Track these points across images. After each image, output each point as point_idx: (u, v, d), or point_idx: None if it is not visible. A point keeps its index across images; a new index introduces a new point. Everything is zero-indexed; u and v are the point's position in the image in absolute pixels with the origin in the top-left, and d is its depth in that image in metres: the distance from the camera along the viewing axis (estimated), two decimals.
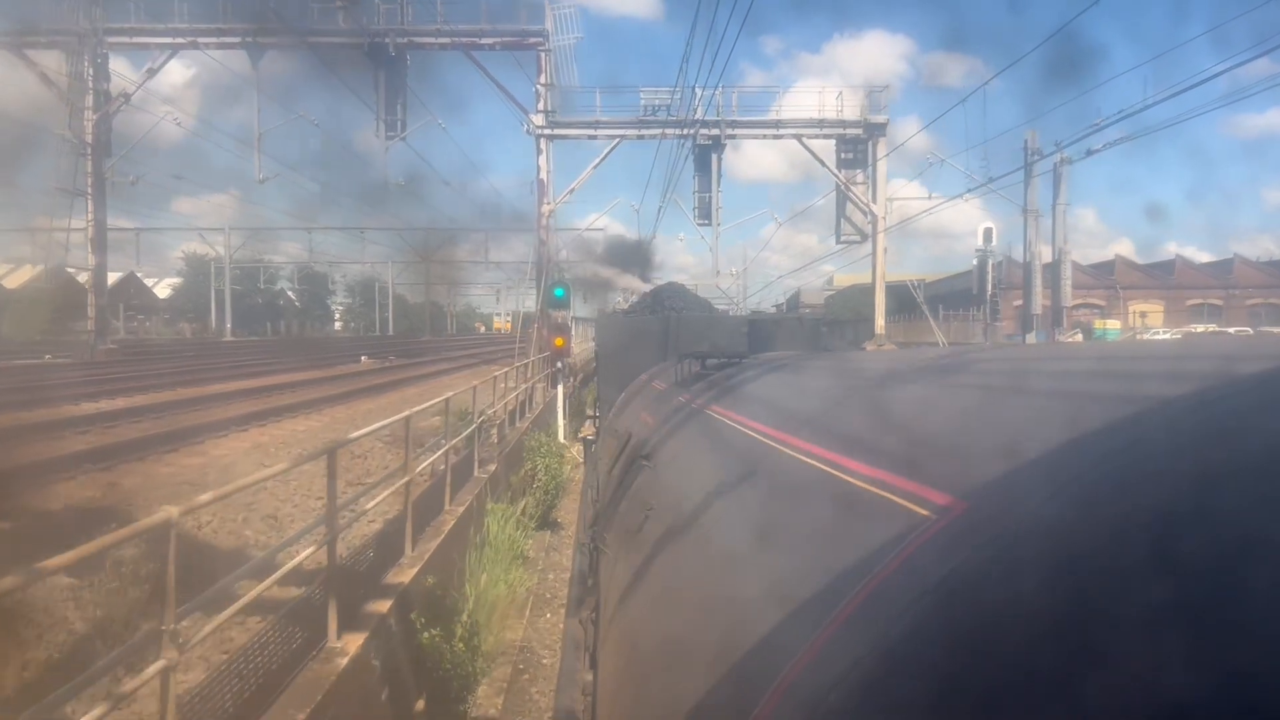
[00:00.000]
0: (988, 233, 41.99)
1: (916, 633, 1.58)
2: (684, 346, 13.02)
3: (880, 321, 34.08)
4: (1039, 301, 38.23)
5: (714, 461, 5.09)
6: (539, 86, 32.58)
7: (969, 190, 35.28)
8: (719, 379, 8.43)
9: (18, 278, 61.56)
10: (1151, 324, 71.25)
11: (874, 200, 34.11)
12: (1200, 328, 63.45)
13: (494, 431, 16.63)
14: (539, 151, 32.97)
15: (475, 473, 14.35)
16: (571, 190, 33.69)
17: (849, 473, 2.88)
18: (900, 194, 39.17)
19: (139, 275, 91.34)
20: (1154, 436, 1.74)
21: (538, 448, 19.85)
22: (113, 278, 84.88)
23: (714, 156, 33.39)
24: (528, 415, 22.57)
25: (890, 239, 35.00)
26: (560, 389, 29.82)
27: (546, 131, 32.84)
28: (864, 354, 12.47)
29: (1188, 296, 78.34)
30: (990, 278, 41.12)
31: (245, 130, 33.52)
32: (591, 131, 33.58)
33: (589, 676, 4.50)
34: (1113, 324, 61.43)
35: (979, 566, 1.64)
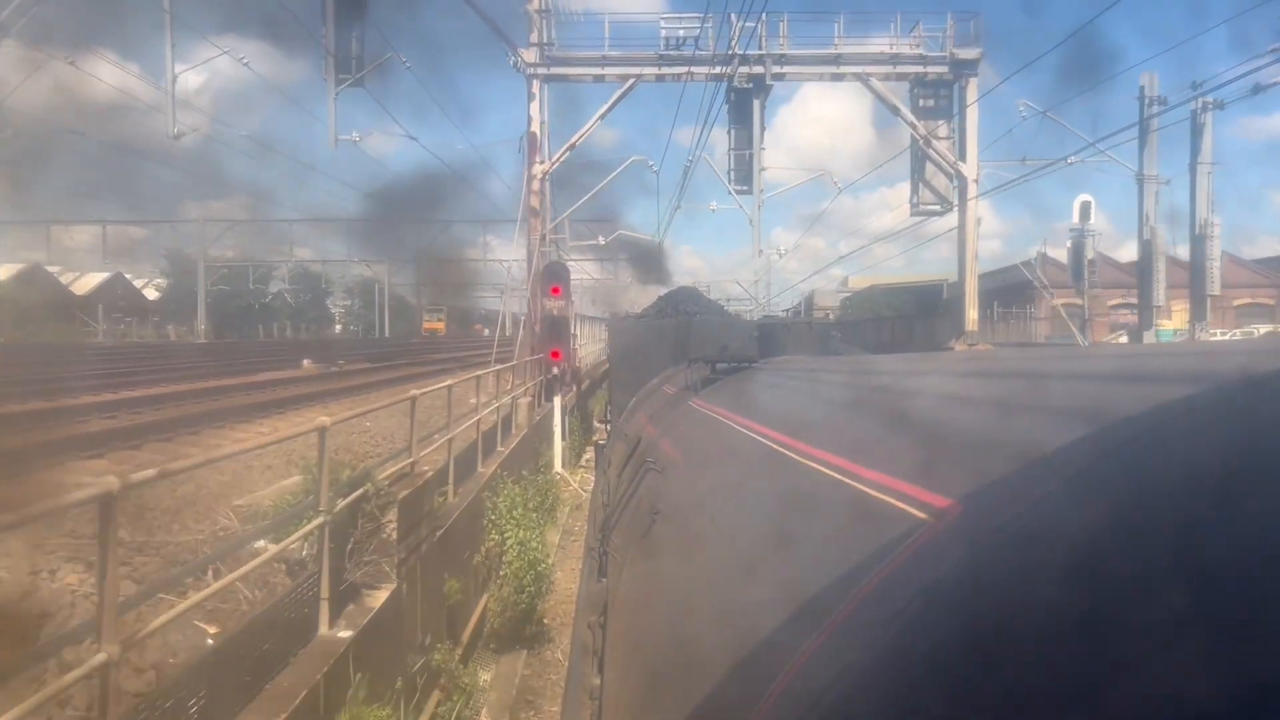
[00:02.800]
0: (1085, 207, 33.05)
1: (909, 635, 1.58)
2: (696, 350, 11.76)
3: (972, 315, 25.14)
4: (1158, 291, 28.97)
5: (720, 466, 5.04)
6: (531, 11, 23.68)
7: (1077, 151, 26.06)
8: (728, 383, 8.35)
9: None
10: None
11: (963, 159, 25.14)
12: (1264, 328, 55.88)
13: (390, 518, 7.50)
14: (530, 97, 24.21)
15: (322, 630, 6.66)
16: (571, 146, 24.96)
17: (852, 477, 2.87)
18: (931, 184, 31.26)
19: (127, 276, 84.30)
20: (1151, 439, 1.70)
21: (506, 511, 12.15)
22: (98, 278, 77.28)
23: (755, 102, 24.76)
24: (499, 451, 13.55)
25: (909, 241, 26.34)
26: (557, 402, 20.89)
27: (540, 70, 24.12)
28: (871, 358, 11.02)
29: (1235, 295, 70.88)
30: (1088, 263, 32.04)
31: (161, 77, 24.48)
32: (598, 70, 24.87)
33: (596, 681, 4.30)
34: (1169, 325, 52.78)
35: (972, 568, 1.65)
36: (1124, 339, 45.99)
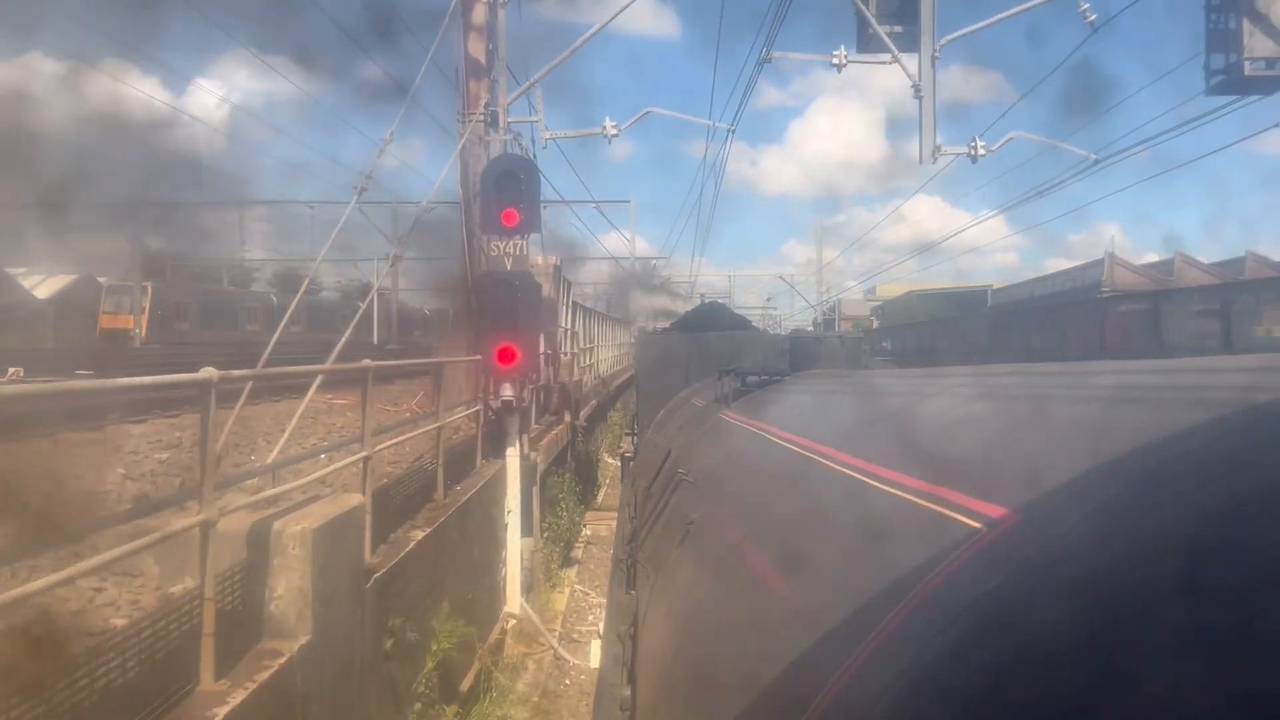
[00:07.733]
0: None
1: (961, 650, 1.49)
2: (724, 364, 10.99)
3: None
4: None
5: (754, 477, 4.89)
6: None
7: None
8: (759, 395, 8.10)
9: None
10: None
11: None
12: None
13: None
14: None
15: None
16: None
17: (893, 484, 2.75)
18: (917, 210, 20.67)
19: (100, 280, 74.04)
20: (1201, 457, 1.60)
21: None
22: (63, 281, 69.68)
23: None
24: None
25: (923, 258, 15.05)
26: (513, 461, 5.43)
27: None
28: (905, 372, 9.62)
29: None
30: None
31: None
32: None
33: (627, 692, 4.20)
34: None
35: (1018, 583, 1.56)
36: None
